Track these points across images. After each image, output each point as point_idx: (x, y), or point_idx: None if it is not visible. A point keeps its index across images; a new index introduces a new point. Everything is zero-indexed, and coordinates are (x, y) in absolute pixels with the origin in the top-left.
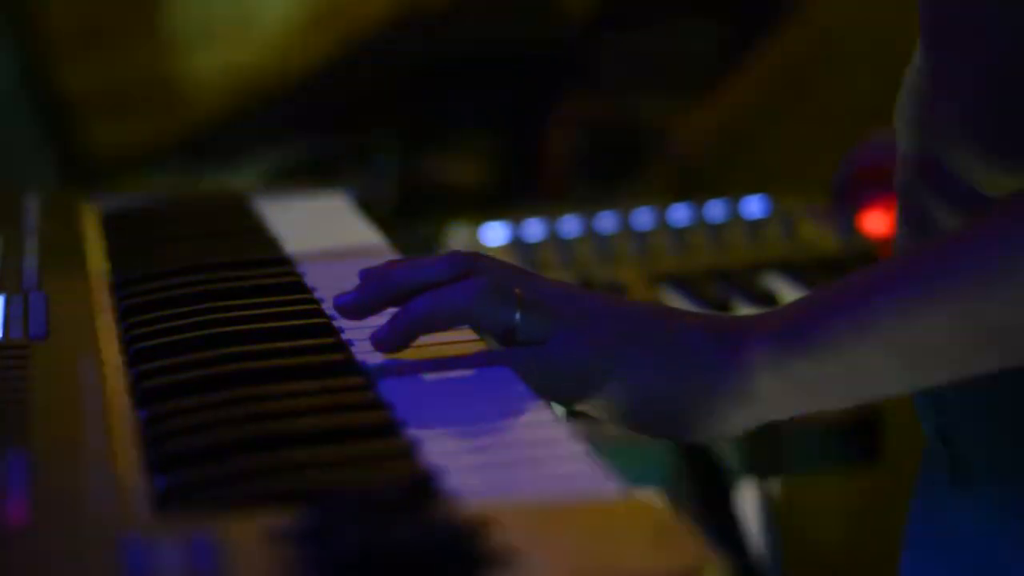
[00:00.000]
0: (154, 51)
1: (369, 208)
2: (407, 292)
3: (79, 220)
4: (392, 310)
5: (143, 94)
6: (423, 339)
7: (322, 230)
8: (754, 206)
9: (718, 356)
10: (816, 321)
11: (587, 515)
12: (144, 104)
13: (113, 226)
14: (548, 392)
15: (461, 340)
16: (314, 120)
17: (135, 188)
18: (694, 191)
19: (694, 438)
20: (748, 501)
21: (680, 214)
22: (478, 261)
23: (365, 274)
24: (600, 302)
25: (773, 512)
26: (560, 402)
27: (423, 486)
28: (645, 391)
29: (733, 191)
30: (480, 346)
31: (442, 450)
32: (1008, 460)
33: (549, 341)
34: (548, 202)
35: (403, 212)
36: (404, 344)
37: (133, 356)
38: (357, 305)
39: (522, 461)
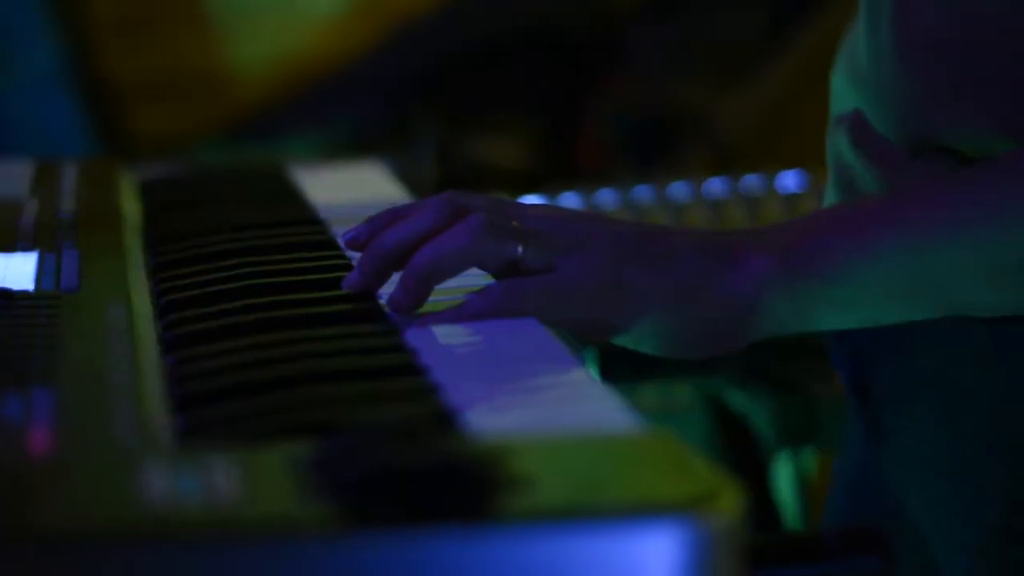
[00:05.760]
0: (198, 39)
1: (410, 183)
2: (405, 251)
3: (115, 185)
4: None
5: (187, 81)
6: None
7: (355, 194)
8: (790, 181)
9: (717, 273)
10: (821, 242)
11: (604, 445)
12: (188, 91)
13: (149, 191)
14: (559, 321)
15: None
16: (356, 100)
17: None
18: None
19: (696, 355)
20: (783, 474)
21: (716, 188)
22: (466, 200)
23: (357, 234)
24: (595, 223)
25: (807, 485)
26: (572, 329)
27: (444, 420)
28: (648, 311)
29: (770, 167)
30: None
31: (464, 391)
32: (924, 414)
33: (554, 269)
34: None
35: (443, 189)
36: (419, 302)
37: (163, 307)
38: (362, 285)
39: (543, 401)
